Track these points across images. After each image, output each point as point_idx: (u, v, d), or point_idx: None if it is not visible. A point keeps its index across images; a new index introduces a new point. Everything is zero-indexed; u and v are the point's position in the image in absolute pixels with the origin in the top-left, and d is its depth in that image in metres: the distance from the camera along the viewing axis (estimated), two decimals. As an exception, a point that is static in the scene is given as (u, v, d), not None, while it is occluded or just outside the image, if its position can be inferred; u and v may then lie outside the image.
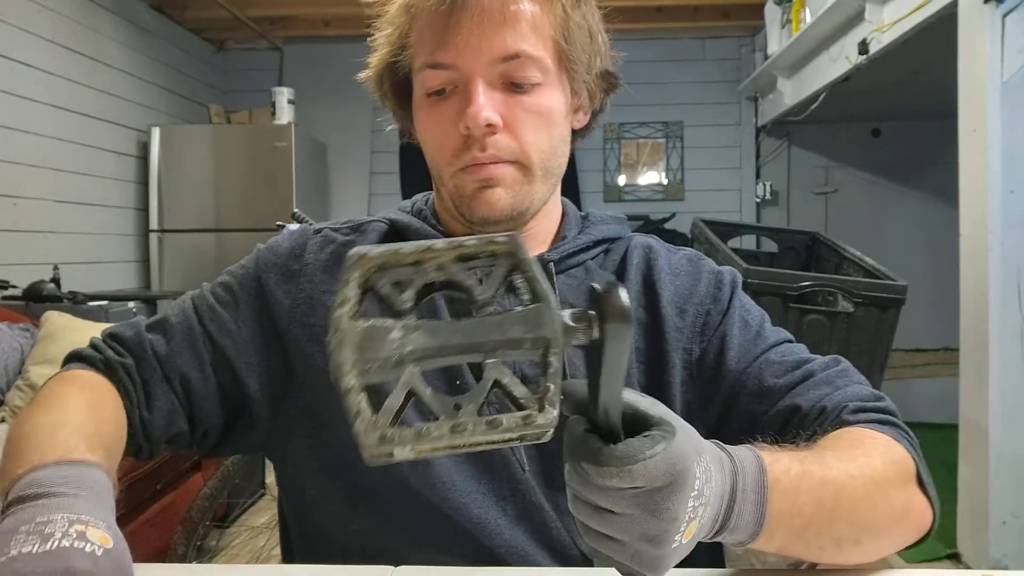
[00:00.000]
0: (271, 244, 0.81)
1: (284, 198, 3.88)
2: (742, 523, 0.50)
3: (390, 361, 0.37)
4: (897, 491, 0.61)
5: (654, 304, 0.75)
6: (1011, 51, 2.20)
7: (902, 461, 0.63)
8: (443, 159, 0.71)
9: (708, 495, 0.45)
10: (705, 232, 2.55)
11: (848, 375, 0.71)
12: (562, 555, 0.70)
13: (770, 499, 0.51)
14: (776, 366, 0.71)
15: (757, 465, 0.51)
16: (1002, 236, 2.24)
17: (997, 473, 2.26)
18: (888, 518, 0.60)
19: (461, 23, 0.66)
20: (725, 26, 4.62)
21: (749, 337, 0.73)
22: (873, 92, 3.74)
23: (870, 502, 0.58)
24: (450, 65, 0.68)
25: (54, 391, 0.67)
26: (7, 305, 2.70)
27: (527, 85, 0.69)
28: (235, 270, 0.80)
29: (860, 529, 0.58)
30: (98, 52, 3.62)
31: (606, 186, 4.85)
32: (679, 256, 0.80)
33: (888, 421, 0.67)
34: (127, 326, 0.75)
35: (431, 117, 0.71)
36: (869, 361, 2.25)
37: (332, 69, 4.74)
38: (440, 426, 0.38)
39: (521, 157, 0.69)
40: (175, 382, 0.72)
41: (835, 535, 0.57)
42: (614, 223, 0.81)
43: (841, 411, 0.66)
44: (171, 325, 0.74)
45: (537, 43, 0.68)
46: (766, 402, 0.69)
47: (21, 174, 3.07)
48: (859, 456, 0.60)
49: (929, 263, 4.00)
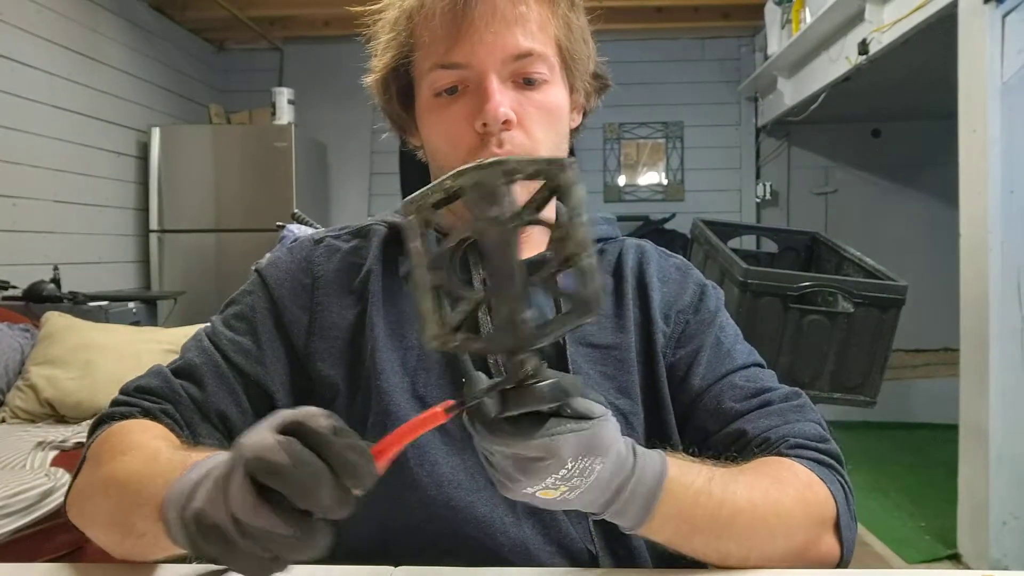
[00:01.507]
0: (273, 261, 0.80)
1: (284, 198, 3.88)
2: (627, 514, 0.57)
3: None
4: (801, 529, 0.64)
5: (647, 306, 0.78)
6: (1011, 51, 2.20)
7: (818, 502, 0.66)
8: (457, 157, 0.70)
9: (577, 484, 0.52)
10: (705, 232, 2.55)
11: (802, 411, 0.73)
12: (569, 550, 0.70)
13: (660, 504, 0.57)
14: (737, 390, 0.73)
15: (658, 474, 0.57)
16: (1002, 236, 2.24)
17: (997, 473, 2.26)
18: (783, 550, 0.64)
19: (474, 22, 0.67)
20: (725, 26, 4.62)
21: (719, 356, 0.76)
22: (873, 92, 3.74)
23: (767, 532, 0.62)
24: (463, 64, 0.68)
25: (114, 445, 0.65)
26: (7, 305, 2.70)
27: (537, 81, 0.70)
28: (241, 297, 0.78)
29: (749, 550, 0.62)
30: (98, 52, 3.62)
31: (606, 186, 4.85)
32: (669, 263, 0.82)
33: (824, 462, 0.69)
34: (151, 376, 0.74)
35: (442, 116, 0.71)
36: (869, 361, 2.24)
37: (332, 69, 4.74)
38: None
39: (532, 153, 0.71)
40: (214, 420, 0.72)
41: (722, 549, 0.62)
42: (605, 224, 0.84)
43: (781, 444, 0.69)
44: (197, 367, 0.73)
45: (545, 41, 0.70)
46: (719, 422, 0.72)
47: (21, 174, 3.07)
48: (770, 488, 0.64)
49: (929, 263, 4.00)
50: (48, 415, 2.35)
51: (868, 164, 4.75)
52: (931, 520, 2.74)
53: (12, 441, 2.04)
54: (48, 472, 1.82)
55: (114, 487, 0.61)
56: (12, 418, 2.35)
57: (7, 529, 1.64)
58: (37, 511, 1.71)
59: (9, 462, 1.88)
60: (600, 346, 0.75)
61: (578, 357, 0.74)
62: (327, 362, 0.73)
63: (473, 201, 0.45)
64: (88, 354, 2.40)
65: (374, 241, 0.79)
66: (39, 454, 1.92)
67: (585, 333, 0.75)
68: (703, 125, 4.80)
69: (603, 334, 0.76)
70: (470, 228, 0.46)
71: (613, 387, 0.73)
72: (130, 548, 0.61)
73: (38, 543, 1.71)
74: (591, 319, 0.46)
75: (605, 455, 0.52)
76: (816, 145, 4.77)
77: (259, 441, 0.45)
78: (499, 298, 0.45)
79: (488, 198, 0.45)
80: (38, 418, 2.35)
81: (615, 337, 0.76)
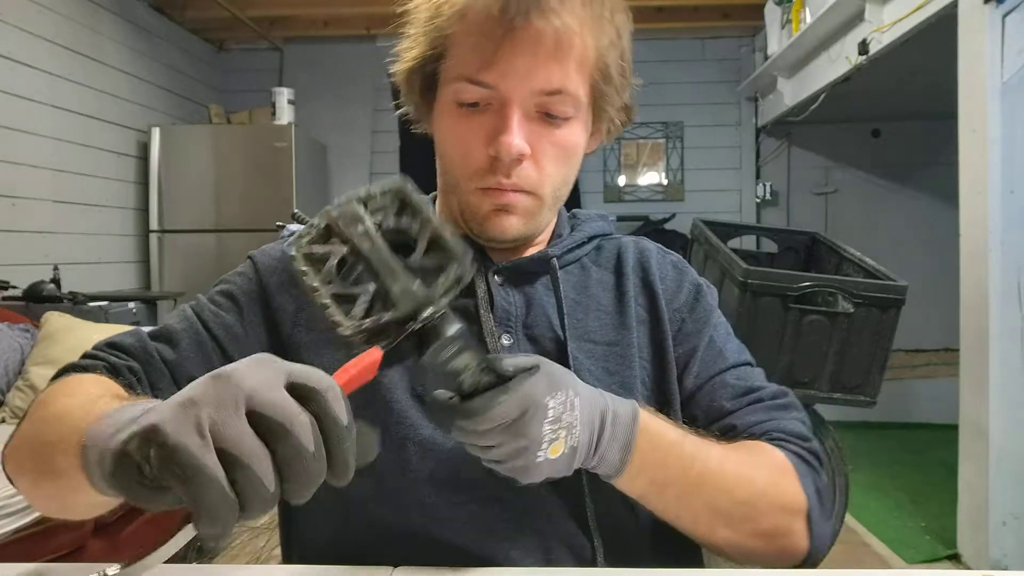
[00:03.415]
0: (266, 250, 0.80)
1: (284, 198, 3.88)
2: (609, 455, 0.60)
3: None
4: (770, 510, 0.66)
5: (653, 302, 0.79)
6: (1011, 51, 2.20)
7: (789, 490, 0.67)
8: (463, 173, 0.71)
9: (570, 420, 0.56)
10: (705, 232, 2.55)
11: (789, 409, 0.75)
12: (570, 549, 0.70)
13: (636, 444, 0.60)
14: (728, 389, 0.76)
15: (631, 414, 0.61)
16: (1002, 236, 2.24)
17: (997, 473, 2.26)
18: (751, 527, 0.65)
19: (514, 49, 0.65)
20: (725, 26, 4.63)
21: (712, 355, 0.77)
22: (873, 92, 3.74)
23: (733, 502, 0.65)
24: (491, 86, 0.67)
25: (60, 389, 0.61)
26: (7, 305, 2.70)
27: (560, 119, 0.69)
28: (232, 278, 0.79)
29: (717, 517, 0.65)
30: (98, 52, 3.62)
31: (606, 186, 4.85)
32: (667, 260, 0.84)
33: (804, 458, 0.71)
34: (127, 334, 0.73)
35: (458, 128, 0.70)
36: (869, 361, 2.24)
37: (332, 69, 4.75)
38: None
39: (538, 188, 0.71)
40: (183, 384, 0.70)
41: (692, 510, 0.65)
42: (600, 220, 0.85)
43: (763, 437, 0.72)
44: (175, 331, 0.73)
45: (579, 80, 0.69)
46: (709, 419, 0.75)
47: (21, 174, 3.07)
48: (744, 462, 0.67)
49: (929, 263, 4.00)
50: (48, 415, 2.35)
51: (868, 164, 4.75)
52: (931, 520, 2.74)
53: (12, 441, 2.04)
54: (48, 472, 1.82)
55: (42, 423, 0.57)
56: (12, 418, 2.35)
57: (7, 529, 1.64)
58: (37, 511, 1.71)
59: (9, 462, 1.88)
60: (602, 342, 0.75)
61: (579, 353, 0.74)
62: (312, 353, 0.73)
63: (344, 225, 0.54)
64: (88, 354, 2.39)
65: None
66: (39, 454, 1.92)
67: (586, 330, 0.76)
68: (703, 125, 4.80)
69: (604, 331, 0.76)
70: (346, 246, 0.54)
71: (615, 382, 0.74)
72: (47, 493, 0.57)
73: (38, 543, 1.71)
74: (465, 273, 0.54)
75: (574, 385, 0.57)
76: (816, 145, 4.77)
77: (268, 390, 0.41)
78: (389, 280, 0.53)
79: (354, 220, 0.54)
80: (38, 418, 2.35)
81: (617, 334, 0.76)
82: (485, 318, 0.74)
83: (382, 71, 5.59)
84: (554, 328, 0.75)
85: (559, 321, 0.74)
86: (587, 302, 0.78)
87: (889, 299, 2.22)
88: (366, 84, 4.73)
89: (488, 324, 0.73)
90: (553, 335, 0.74)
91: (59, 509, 0.59)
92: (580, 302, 0.77)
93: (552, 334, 0.74)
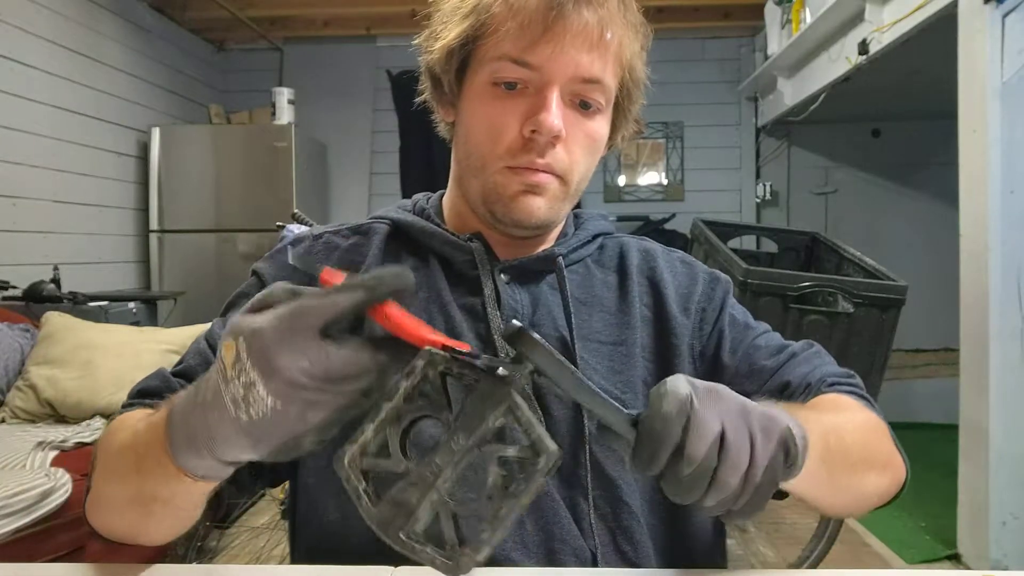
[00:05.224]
0: (271, 257, 0.80)
1: (284, 198, 3.88)
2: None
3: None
4: (881, 440, 0.70)
5: (660, 302, 0.80)
6: (1011, 51, 2.20)
7: (877, 421, 0.72)
8: (494, 152, 0.71)
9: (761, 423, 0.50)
10: (705, 232, 2.54)
11: (822, 356, 0.80)
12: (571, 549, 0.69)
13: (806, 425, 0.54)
14: (763, 350, 0.78)
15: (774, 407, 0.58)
16: (1002, 236, 2.24)
17: (997, 473, 2.26)
18: (880, 459, 0.68)
19: (562, 33, 0.67)
20: (725, 26, 4.63)
21: (739, 330, 0.80)
22: (873, 92, 3.74)
23: (865, 444, 0.67)
24: (535, 67, 0.68)
25: (111, 431, 0.64)
26: (7, 305, 2.70)
27: (592, 108, 0.71)
28: (238, 300, 0.78)
29: (866, 465, 0.66)
30: (98, 52, 3.62)
31: (606, 186, 4.85)
32: (674, 257, 0.86)
33: (858, 393, 0.75)
34: (151, 377, 0.73)
35: (493, 107, 0.71)
36: (869, 361, 2.24)
37: (332, 69, 4.74)
38: (488, 523, 0.45)
39: (567, 174, 0.72)
40: None
41: (848, 468, 0.63)
42: (601, 219, 0.86)
43: (821, 384, 0.75)
44: (192, 367, 0.73)
45: (612, 75, 0.72)
46: (756, 381, 0.76)
47: (21, 174, 3.07)
48: (845, 412, 0.69)
49: (929, 263, 4.00)
50: (48, 415, 2.35)
51: (868, 164, 4.75)
52: (931, 520, 2.74)
53: (12, 441, 2.04)
54: (48, 472, 1.82)
55: (110, 455, 0.59)
56: (12, 418, 2.36)
57: (7, 529, 1.64)
58: (37, 511, 1.71)
59: (9, 462, 1.88)
60: (606, 342, 0.76)
61: (585, 353, 0.74)
62: None
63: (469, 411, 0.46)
64: (88, 354, 2.40)
65: (375, 239, 0.79)
66: (39, 454, 1.92)
67: (591, 329, 0.76)
68: (703, 125, 4.80)
69: (608, 330, 0.77)
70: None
71: (620, 381, 0.74)
72: (133, 518, 0.59)
73: (38, 543, 1.71)
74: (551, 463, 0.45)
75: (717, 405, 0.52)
76: (816, 145, 4.77)
77: (348, 351, 0.44)
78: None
79: (478, 419, 0.46)
80: (38, 418, 2.35)
81: (620, 333, 0.77)
82: (492, 316, 0.74)
83: (382, 71, 5.57)
84: (559, 328, 0.75)
85: (565, 321, 0.75)
86: (591, 302, 0.78)
87: (889, 299, 2.22)
88: (366, 84, 4.73)
89: (495, 322, 0.73)
90: (559, 335, 0.75)
91: (168, 524, 0.60)
92: (584, 302, 0.78)
93: (558, 334, 0.75)
